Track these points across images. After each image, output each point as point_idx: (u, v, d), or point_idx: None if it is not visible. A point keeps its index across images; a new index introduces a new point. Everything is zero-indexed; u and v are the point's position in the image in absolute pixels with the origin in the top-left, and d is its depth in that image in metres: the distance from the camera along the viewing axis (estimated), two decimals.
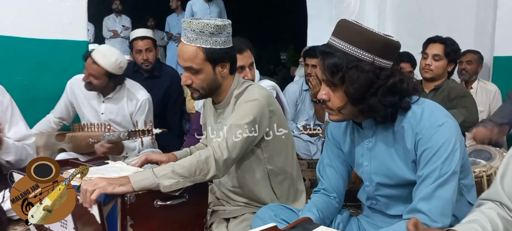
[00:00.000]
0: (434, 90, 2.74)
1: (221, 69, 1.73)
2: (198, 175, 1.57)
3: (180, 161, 1.59)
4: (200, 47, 1.67)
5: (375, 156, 1.44)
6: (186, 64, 1.69)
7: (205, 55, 1.67)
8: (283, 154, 1.82)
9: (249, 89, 1.76)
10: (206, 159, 1.58)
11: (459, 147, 1.30)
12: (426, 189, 1.28)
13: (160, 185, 1.50)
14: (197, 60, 1.67)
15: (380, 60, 1.31)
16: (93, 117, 2.80)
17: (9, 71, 2.90)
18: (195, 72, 1.70)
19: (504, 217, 1.09)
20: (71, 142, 2.62)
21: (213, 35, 1.66)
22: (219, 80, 1.74)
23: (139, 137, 2.23)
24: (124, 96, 2.78)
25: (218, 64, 1.71)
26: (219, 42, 1.68)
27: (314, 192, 1.61)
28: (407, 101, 1.36)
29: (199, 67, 1.68)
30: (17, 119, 2.22)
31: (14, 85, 2.32)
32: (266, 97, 1.73)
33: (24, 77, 2.97)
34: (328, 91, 1.37)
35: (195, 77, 1.71)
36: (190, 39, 1.67)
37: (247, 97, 1.71)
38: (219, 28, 1.67)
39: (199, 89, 1.73)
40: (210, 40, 1.66)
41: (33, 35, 2.98)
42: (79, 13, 3.11)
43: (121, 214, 1.44)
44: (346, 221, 1.59)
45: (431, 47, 2.75)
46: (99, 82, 2.64)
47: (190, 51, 1.67)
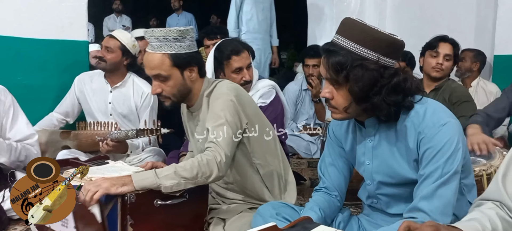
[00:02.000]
0: (434, 90, 2.72)
1: (189, 74, 1.75)
2: (200, 178, 1.58)
3: (182, 163, 1.60)
4: (165, 54, 1.69)
5: (377, 155, 1.44)
6: (153, 72, 1.71)
7: (171, 61, 1.69)
8: (264, 146, 1.84)
9: (218, 86, 1.79)
10: (207, 162, 1.59)
11: (461, 146, 1.30)
12: (427, 188, 1.28)
13: (161, 185, 1.50)
14: (164, 67, 1.70)
15: (384, 59, 1.30)
16: (101, 109, 2.84)
17: (9, 71, 2.90)
18: (164, 79, 1.71)
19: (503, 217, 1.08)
20: (76, 139, 2.65)
21: (177, 41, 1.69)
22: (188, 85, 1.76)
23: (147, 135, 2.25)
24: (131, 87, 2.86)
25: (185, 68, 1.73)
26: (183, 47, 1.70)
27: (315, 191, 1.61)
28: (410, 100, 1.35)
29: (167, 73, 1.70)
30: (19, 119, 2.21)
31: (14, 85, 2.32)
32: (234, 90, 1.75)
33: (24, 77, 2.97)
34: (332, 90, 1.37)
35: (165, 85, 1.73)
36: (155, 47, 1.70)
37: (216, 94, 1.74)
38: (182, 33, 1.69)
39: (170, 96, 1.75)
40: (174, 46, 1.69)
41: (34, 35, 2.98)
42: (80, 13, 3.11)
43: (121, 213, 1.44)
44: (347, 220, 1.59)
45: (442, 46, 2.70)
46: (113, 57, 2.77)
47: (156, 59, 1.70)
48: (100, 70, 2.91)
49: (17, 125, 2.20)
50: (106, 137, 2.43)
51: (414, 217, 1.28)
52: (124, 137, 2.36)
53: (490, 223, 1.04)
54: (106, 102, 2.85)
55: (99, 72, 2.93)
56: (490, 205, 1.12)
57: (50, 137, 2.66)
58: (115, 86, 2.84)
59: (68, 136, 2.67)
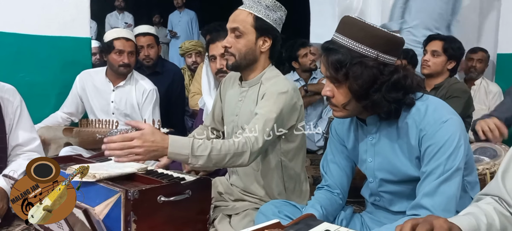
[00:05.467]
0: (434, 89, 2.72)
1: (262, 44, 1.77)
2: (229, 163, 1.59)
3: (217, 145, 1.57)
4: (252, 14, 1.75)
5: (379, 152, 1.44)
6: (233, 25, 1.76)
7: (254, 22, 1.75)
8: (296, 149, 1.85)
9: (279, 80, 1.78)
10: (242, 153, 1.59)
11: (463, 143, 1.30)
12: (429, 185, 1.28)
13: (191, 163, 1.52)
14: (245, 24, 1.75)
15: (384, 56, 1.30)
16: (103, 108, 2.85)
17: (12, 68, 2.90)
18: (239, 35, 1.75)
19: (501, 212, 1.09)
20: (78, 136, 2.65)
21: (268, 9, 1.75)
22: (256, 54, 1.78)
23: None
24: (133, 85, 2.87)
25: (261, 36, 1.76)
26: (270, 17, 1.76)
27: (317, 189, 1.61)
28: (411, 97, 1.35)
29: (244, 31, 1.75)
30: (24, 122, 2.18)
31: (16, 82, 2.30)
32: (295, 90, 1.77)
33: (26, 74, 2.97)
34: (332, 88, 1.37)
35: (236, 41, 1.76)
36: (247, 6, 1.77)
37: (279, 88, 1.72)
38: (275, 5, 1.77)
39: (235, 54, 1.76)
40: (263, 12, 1.75)
41: (36, 32, 2.98)
42: (82, 10, 3.11)
43: (125, 209, 1.43)
44: (350, 218, 1.59)
45: (431, 44, 2.77)
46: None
47: (242, 14, 1.76)
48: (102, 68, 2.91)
49: (22, 128, 2.17)
50: (106, 135, 2.43)
51: (417, 214, 1.28)
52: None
53: (486, 217, 1.05)
54: (108, 101, 2.85)
55: (101, 69, 2.93)
56: (489, 200, 1.12)
57: (54, 133, 2.67)
58: (118, 85, 2.85)
59: (70, 133, 2.68)
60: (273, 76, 1.79)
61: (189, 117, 3.78)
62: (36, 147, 2.20)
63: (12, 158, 2.15)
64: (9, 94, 2.14)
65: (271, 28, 1.76)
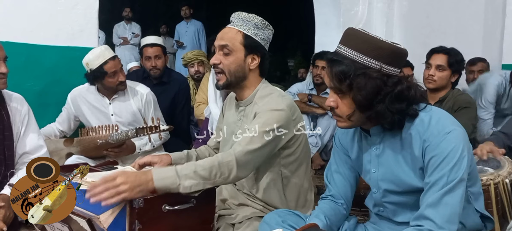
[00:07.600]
0: (439, 102, 2.71)
1: (251, 62, 1.79)
2: (219, 178, 1.57)
3: (201, 161, 1.58)
4: (241, 32, 1.77)
5: (383, 163, 1.45)
6: (222, 42, 1.77)
7: (243, 39, 1.76)
8: (298, 161, 1.84)
9: (273, 96, 1.77)
10: (227, 163, 1.58)
11: (467, 154, 1.31)
12: (433, 196, 1.28)
13: (180, 185, 1.50)
14: (234, 42, 1.76)
15: (387, 68, 1.32)
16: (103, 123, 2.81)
17: (20, 78, 2.92)
18: (227, 53, 1.76)
19: None
20: (79, 145, 2.64)
21: (257, 27, 1.78)
22: (245, 71, 1.79)
23: (147, 133, 2.24)
24: (128, 93, 2.85)
25: (250, 53, 1.78)
26: (259, 36, 1.78)
27: (321, 199, 1.61)
28: (414, 108, 1.36)
29: (233, 48, 1.76)
30: (31, 130, 2.20)
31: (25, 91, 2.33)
32: (290, 108, 1.75)
33: (35, 84, 3.00)
34: (336, 99, 1.39)
35: (225, 58, 1.77)
36: (236, 24, 1.79)
37: (273, 106, 1.71)
38: (264, 25, 1.80)
39: (225, 71, 1.77)
40: (252, 30, 1.77)
41: (45, 42, 3.00)
42: (90, 21, 3.14)
43: (130, 218, 1.45)
44: (353, 228, 1.59)
45: (434, 57, 2.73)
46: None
47: (231, 32, 1.78)
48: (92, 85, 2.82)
49: (29, 136, 2.19)
50: (107, 139, 2.44)
51: (421, 225, 1.28)
52: (125, 138, 2.36)
53: None
54: (107, 115, 2.82)
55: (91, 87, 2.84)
56: None
57: (53, 145, 2.65)
58: (113, 97, 2.81)
59: (71, 143, 2.67)
60: (266, 95, 1.79)
61: (194, 126, 3.79)
62: (43, 154, 2.21)
63: (20, 166, 2.17)
64: (17, 103, 2.17)
65: (259, 46, 1.78)
